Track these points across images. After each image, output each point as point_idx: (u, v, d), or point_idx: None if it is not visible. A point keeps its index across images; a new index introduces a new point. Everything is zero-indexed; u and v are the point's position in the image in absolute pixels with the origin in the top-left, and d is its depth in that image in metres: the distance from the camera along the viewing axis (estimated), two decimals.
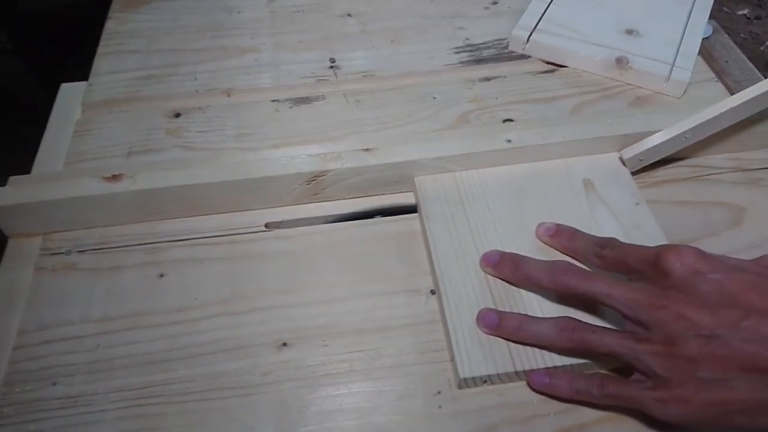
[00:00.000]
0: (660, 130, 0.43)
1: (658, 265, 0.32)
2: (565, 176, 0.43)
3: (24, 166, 0.46)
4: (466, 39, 0.58)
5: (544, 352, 0.34)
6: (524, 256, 0.37)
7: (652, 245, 0.33)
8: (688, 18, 0.55)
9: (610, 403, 0.32)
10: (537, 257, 0.37)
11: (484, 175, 0.43)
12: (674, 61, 0.51)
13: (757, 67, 0.54)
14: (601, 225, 0.40)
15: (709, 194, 0.44)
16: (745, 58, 0.54)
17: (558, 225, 0.39)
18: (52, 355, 0.36)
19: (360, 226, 0.43)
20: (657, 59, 0.51)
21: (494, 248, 0.39)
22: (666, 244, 0.33)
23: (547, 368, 0.33)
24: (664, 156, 0.44)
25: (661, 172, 0.45)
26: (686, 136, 0.42)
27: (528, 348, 0.34)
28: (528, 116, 0.50)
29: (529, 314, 0.35)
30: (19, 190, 0.41)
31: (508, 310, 0.36)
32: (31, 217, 0.41)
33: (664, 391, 0.30)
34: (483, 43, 0.57)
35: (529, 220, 0.40)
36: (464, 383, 0.34)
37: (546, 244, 0.39)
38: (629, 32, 0.54)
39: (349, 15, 0.61)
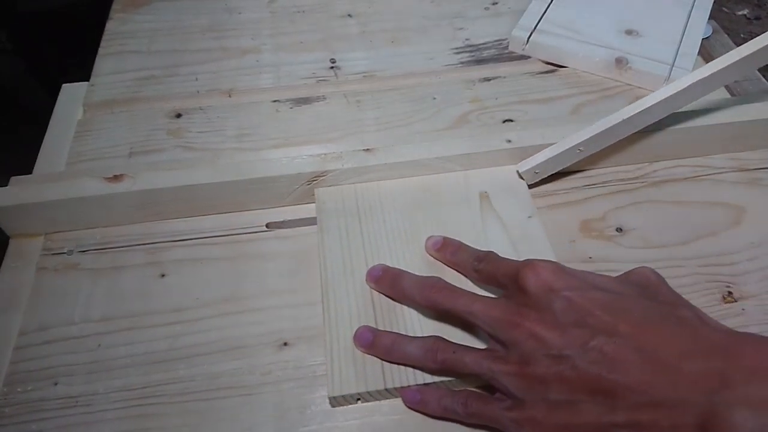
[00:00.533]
0: (554, 143, 0.42)
1: (518, 282, 0.32)
2: (463, 188, 0.42)
3: (25, 167, 0.46)
4: (466, 39, 0.58)
5: (417, 370, 0.34)
6: (403, 272, 0.37)
7: (536, 258, 0.33)
8: (688, 18, 0.55)
9: (476, 421, 0.32)
10: (425, 272, 0.37)
11: (384, 187, 0.43)
12: (674, 62, 0.51)
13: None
14: (491, 238, 0.39)
15: (709, 194, 0.44)
16: None
17: (444, 239, 0.39)
18: (53, 355, 0.36)
19: None
20: (657, 59, 0.52)
21: (384, 262, 0.38)
22: (528, 260, 0.32)
23: (418, 385, 0.33)
24: (561, 168, 0.43)
25: (661, 172, 0.46)
26: (580, 148, 0.41)
27: (401, 365, 0.34)
28: (528, 116, 0.50)
29: (405, 332, 0.35)
30: (20, 191, 0.41)
31: (387, 327, 0.35)
32: (32, 217, 0.41)
33: (519, 411, 0.29)
34: (483, 44, 0.57)
35: (421, 234, 0.40)
36: (335, 401, 0.33)
37: (434, 257, 0.39)
38: (629, 32, 0.54)
39: (349, 16, 0.61)
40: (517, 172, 0.43)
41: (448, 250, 0.38)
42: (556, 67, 0.55)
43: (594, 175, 0.46)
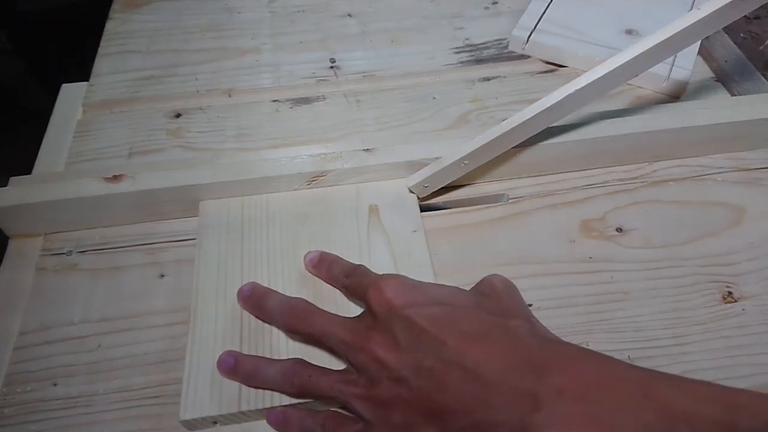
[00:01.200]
0: (440, 157, 0.42)
1: (365, 301, 0.32)
2: (354, 202, 0.42)
3: (25, 167, 0.46)
4: (466, 39, 0.58)
5: (274, 392, 0.33)
6: (270, 292, 0.36)
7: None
8: None
9: None
10: (302, 290, 0.37)
11: (273, 201, 0.42)
12: (674, 61, 0.51)
13: (756, 67, 0.54)
14: (374, 252, 0.39)
15: (709, 194, 0.44)
16: (745, 58, 0.54)
17: (321, 254, 0.38)
18: (52, 356, 0.36)
19: None
20: None
21: (262, 279, 0.37)
22: (375, 278, 0.32)
23: (283, 405, 0.33)
24: (451, 181, 0.43)
25: (661, 172, 0.46)
26: (465, 162, 0.41)
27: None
28: None
29: (270, 354, 0.34)
30: (20, 191, 0.41)
31: (252, 349, 0.35)
32: (32, 217, 0.41)
33: None
34: (483, 43, 0.57)
35: (304, 249, 0.39)
36: (188, 425, 0.33)
37: (312, 273, 0.38)
38: (629, 32, 0.54)
39: (349, 15, 0.61)
40: (408, 187, 0.42)
41: (323, 265, 0.37)
42: (556, 67, 0.55)
43: (594, 175, 0.45)
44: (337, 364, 0.33)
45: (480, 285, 0.33)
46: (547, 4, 0.58)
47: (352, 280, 0.35)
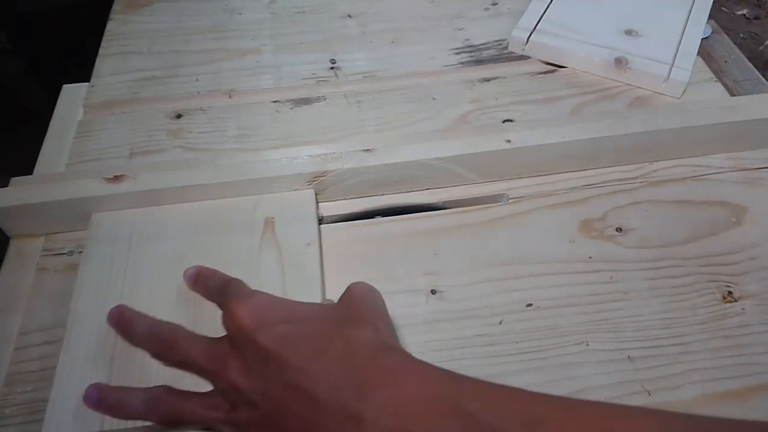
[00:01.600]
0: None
1: (223, 321, 0.31)
2: (251, 214, 0.41)
3: (26, 167, 0.46)
4: (466, 40, 0.58)
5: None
6: (138, 317, 0.34)
7: (302, 290, 0.33)
8: (688, 18, 0.55)
9: None
10: (182, 307, 0.36)
11: (167, 213, 0.41)
12: (673, 62, 0.51)
13: (756, 67, 0.54)
14: (263, 267, 0.38)
15: (709, 194, 0.44)
16: (745, 58, 0.55)
17: (199, 270, 0.36)
18: (52, 356, 0.36)
19: (360, 226, 0.43)
20: (656, 59, 0.52)
21: (143, 297, 0.36)
22: (232, 297, 0.31)
23: (145, 427, 0.32)
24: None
25: (661, 172, 0.46)
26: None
27: None
28: (528, 117, 0.50)
29: (140, 378, 0.33)
30: (21, 191, 0.41)
31: (122, 372, 0.34)
32: (32, 217, 0.41)
33: None
34: (483, 44, 0.57)
35: (190, 264, 0.37)
36: None
37: (191, 290, 0.37)
38: (628, 32, 0.54)
39: (349, 16, 0.61)
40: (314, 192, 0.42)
41: (200, 281, 0.36)
42: (555, 67, 0.55)
43: (594, 175, 0.46)
44: (208, 386, 0.32)
45: (344, 294, 0.32)
46: (547, 5, 0.58)
47: (221, 297, 0.33)
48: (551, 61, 0.55)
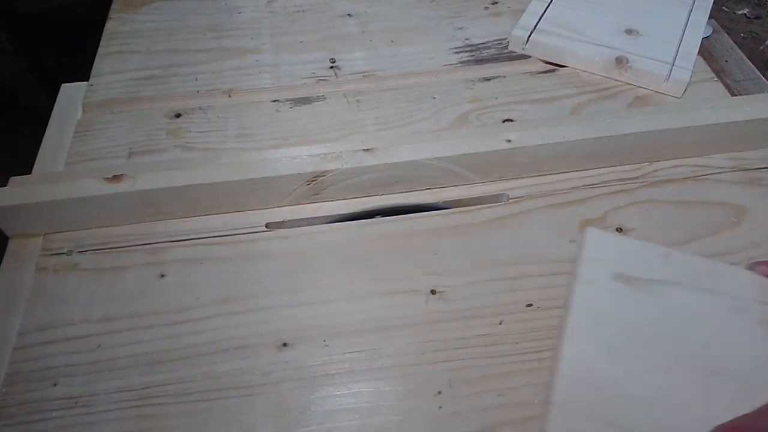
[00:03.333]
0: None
1: None
2: None
3: (25, 167, 0.46)
4: (466, 39, 0.58)
5: None
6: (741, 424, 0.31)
7: None
8: (688, 18, 0.55)
9: None
10: None
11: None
12: (674, 61, 0.51)
13: (756, 67, 0.54)
14: None
15: (709, 194, 0.44)
16: (745, 58, 0.55)
17: None
18: (53, 356, 0.36)
19: (360, 226, 0.43)
20: (657, 59, 0.52)
21: None
22: None
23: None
24: None
25: (661, 172, 0.46)
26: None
27: None
28: (528, 116, 0.50)
29: None
30: (20, 191, 0.41)
31: None
32: (32, 217, 0.41)
33: None
34: (483, 44, 0.57)
35: None
36: None
37: None
38: (629, 32, 0.54)
39: (349, 15, 0.61)
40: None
41: None
42: (556, 67, 0.55)
43: (594, 175, 0.45)
44: None
45: None
46: (547, 4, 0.58)
47: None
48: (551, 61, 0.55)
